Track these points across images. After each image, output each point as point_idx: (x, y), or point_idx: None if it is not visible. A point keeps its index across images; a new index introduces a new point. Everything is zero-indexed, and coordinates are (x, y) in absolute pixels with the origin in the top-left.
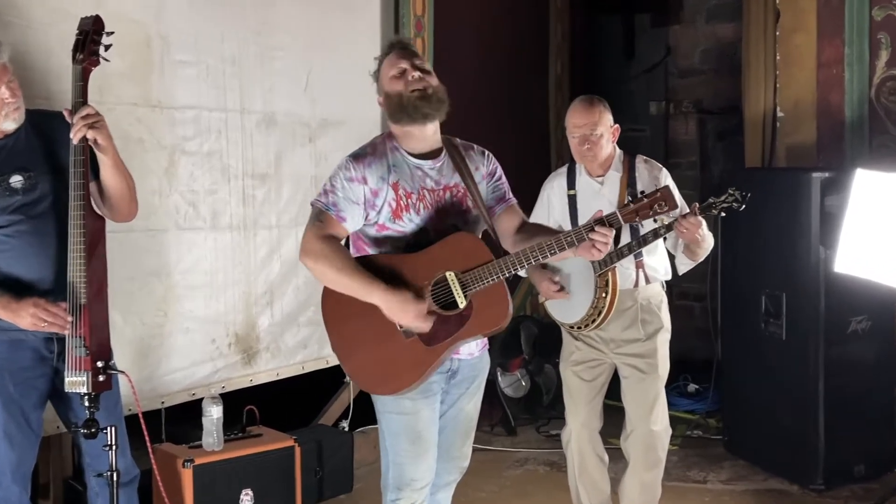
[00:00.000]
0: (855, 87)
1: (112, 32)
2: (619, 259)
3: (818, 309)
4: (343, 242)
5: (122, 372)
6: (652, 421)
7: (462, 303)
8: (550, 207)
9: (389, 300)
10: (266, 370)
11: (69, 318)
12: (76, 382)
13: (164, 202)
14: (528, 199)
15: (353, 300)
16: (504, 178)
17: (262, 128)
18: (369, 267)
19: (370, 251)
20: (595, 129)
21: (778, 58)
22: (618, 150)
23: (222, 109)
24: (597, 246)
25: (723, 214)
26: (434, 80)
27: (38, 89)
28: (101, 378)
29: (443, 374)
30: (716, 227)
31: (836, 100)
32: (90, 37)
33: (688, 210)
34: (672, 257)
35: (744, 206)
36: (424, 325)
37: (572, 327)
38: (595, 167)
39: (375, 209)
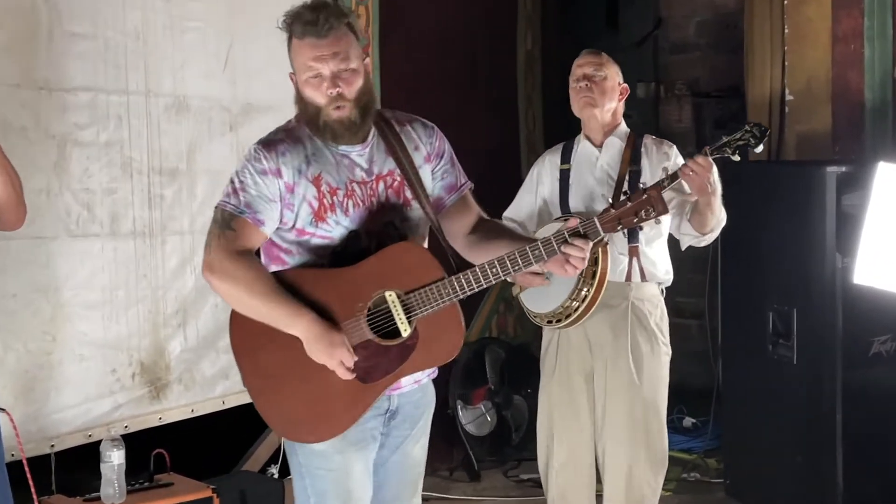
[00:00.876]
0: (876, 65)
1: None
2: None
3: (835, 327)
4: None
5: (2, 410)
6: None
7: (406, 330)
8: (539, 185)
9: (314, 335)
10: (178, 406)
11: None
12: None
13: (53, 203)
14: (493, 194)
15: (269, 325)
16: (455, 161)
17: (172, 114)
18: (288, 285)
19: (289, 262)
20: (600, 69)
21: (787, 31)
22: (624, 124)
23: (123, 92)
24: (571, 261)
25: (737, 157)
26: (356, 86)
27: None
28: None
29: (380, 416)
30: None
31: (855, 80)
32: None
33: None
34: (667, 260)
35: (762, 146)
36: (345, 374)
37: (550, 321)
38: (595, 128)
39: (292, 209)
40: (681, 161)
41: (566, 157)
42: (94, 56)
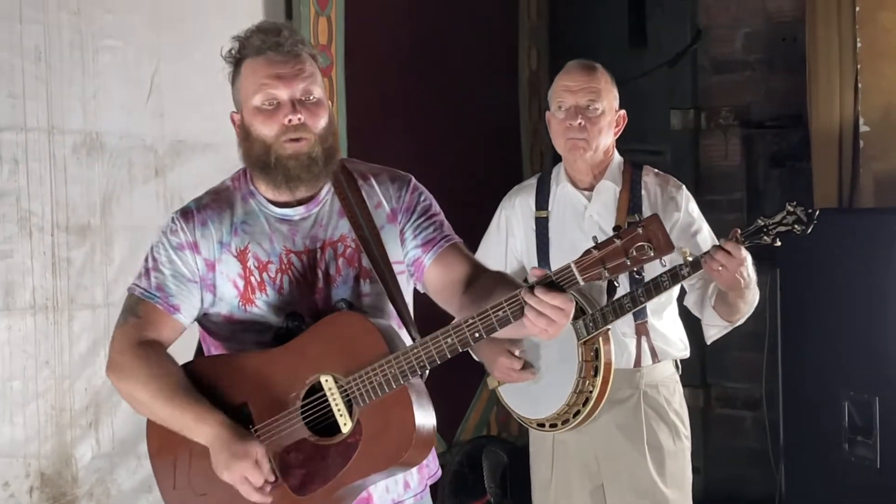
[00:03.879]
0: None
1: None
2: (616, 317)
3: None
4: None
5: None
6: None
7: (345, 425)
8: (510, 236)
9: (218, 445)
10: None
11: None
12: None
13: None
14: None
15: None
16: (435, 215)
17: (83, 155)
18: (205, 377)
19: (219, 350)
20: (596, 100)
21: (859, 45)
22: (617, 154)
23: (20, 128)
24: (538, 324)
25: (778, 243)
26: (322, 121)
27: None
28: None
29: None
30: (773, 293)
31: None
32: None
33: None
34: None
35: (810, 229)
36: (251, 494)
37: (542, 425)
38: (583, 170)
39: (213, 292)
40: (694, 209)
41: (542, 202)
42: None
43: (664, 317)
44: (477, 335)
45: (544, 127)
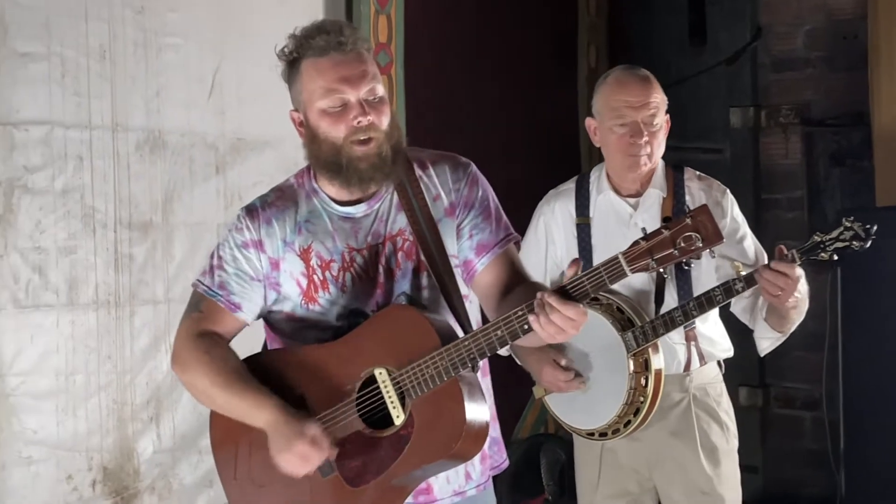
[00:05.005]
0: None
1: None
2: (666, 331)
3: None
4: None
5: None
6: None
7: (399, 417)
8: (550, 243)
9: (275, 427)
10: None
11: None
12: None
13: None
14: None
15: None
16: (493, 211)
17: (145, 153)
18: (264, 369)
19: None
20: (657, 114)
21: None
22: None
23: (85, 126)
24: (546, 329)
25: (835, 258)
26: (386, 118)
27: None
28: None
29: None
30: (833, 292)
31: None
32: None
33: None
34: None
35: (868, 245)
36: (296, 470)
37: (591, 434)
38: (636, 180)
39: (278, 290)
40: (738, 214)
41: (582, 208)
42: (48, 81)
43: (709, 320)
44: (526, 327)
45: None
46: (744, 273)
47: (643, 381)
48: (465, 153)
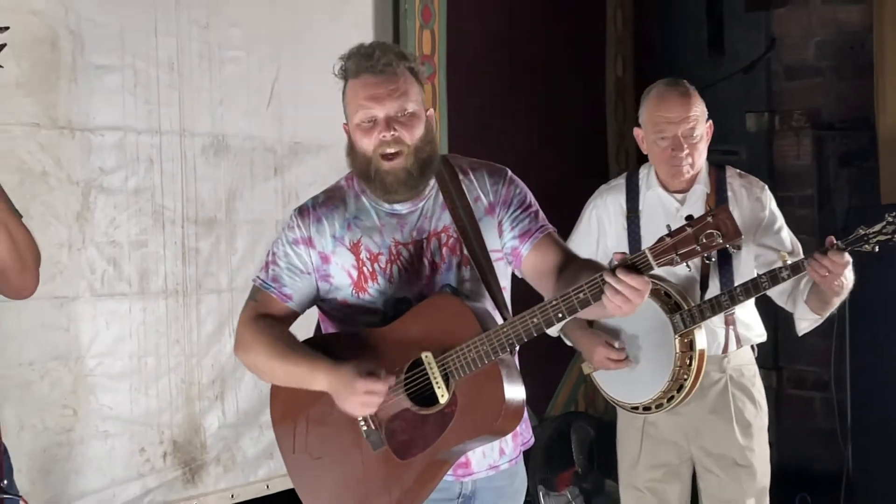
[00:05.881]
0: None
1: (6, 28)
2: (713, 314)
3: None
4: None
5: (19, 496)
6: None
7: (443, 396)
8: (601, 234)
9: (336, 378)
10: (216, 490)
11: None
12: None
13: (75, 259)
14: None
15: (306, 397)
16: (531, 206)
17: (210, 156)
18: (324, 350)
19: (334, 331)
20: (696, 127)
21: None
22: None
23: (155, 131)
24: (614, 301)
25: (877, 250)
26: (417, 132)
27: None
28: None
29: (450, 502)
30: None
31: None
32: None
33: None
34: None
35: None
36: (367, 406)
37: (636, 408)
38: (678, 182)
39: (329, 281)
40: (775, 208)
41: (632, 202)
42: (122, 91)
43: (746, 306)
44: (560, 315)
45: (629, 128)
46: (790, 262)
47: (688, 360)
48: (502, 156)
